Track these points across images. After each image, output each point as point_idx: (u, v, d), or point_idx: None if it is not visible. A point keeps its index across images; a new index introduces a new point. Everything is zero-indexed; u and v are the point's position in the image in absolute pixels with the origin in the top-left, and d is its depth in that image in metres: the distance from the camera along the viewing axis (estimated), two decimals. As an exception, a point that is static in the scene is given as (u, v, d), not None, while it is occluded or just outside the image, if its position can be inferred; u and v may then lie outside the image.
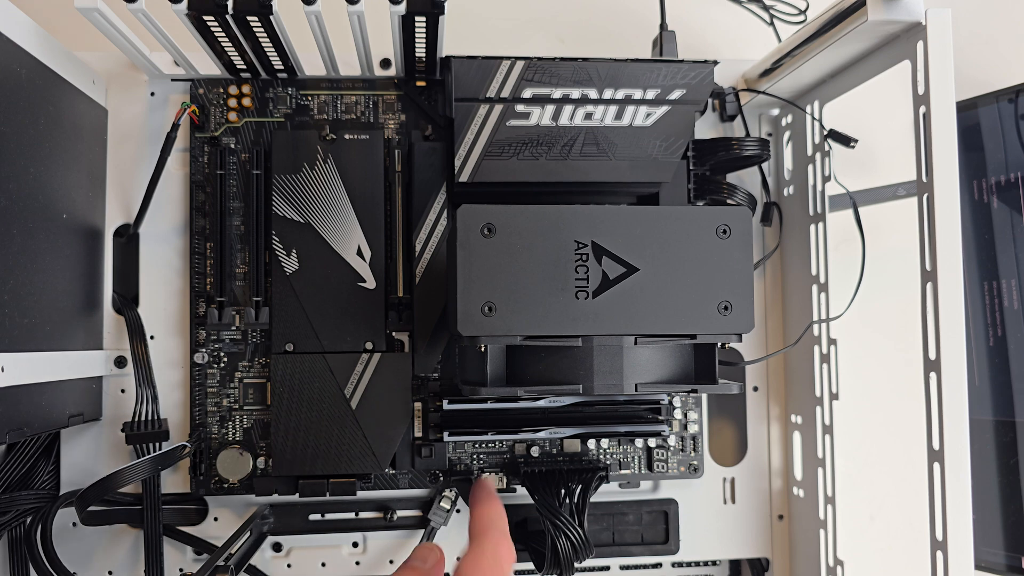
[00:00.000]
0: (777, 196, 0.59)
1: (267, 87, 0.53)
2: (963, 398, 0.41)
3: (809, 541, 0.55)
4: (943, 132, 0.42)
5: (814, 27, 0.48)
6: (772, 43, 0.64)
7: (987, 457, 0.55)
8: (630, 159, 0.49)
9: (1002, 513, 0.55)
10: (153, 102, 0.54)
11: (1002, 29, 0.67)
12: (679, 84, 0.48)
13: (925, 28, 0.43)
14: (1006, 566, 0.54)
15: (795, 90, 0.55)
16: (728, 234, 0.39)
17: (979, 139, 0.57)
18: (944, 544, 0.41)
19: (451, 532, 0.54)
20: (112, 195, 0.53)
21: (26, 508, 0.49)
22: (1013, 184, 0.55)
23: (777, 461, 0.58)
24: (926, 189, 0.43)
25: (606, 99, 0.48)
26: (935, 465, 0.42)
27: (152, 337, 0.52)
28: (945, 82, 0.42)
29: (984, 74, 0.62)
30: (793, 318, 0.57)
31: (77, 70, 0.49)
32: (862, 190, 0.55)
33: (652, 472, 0.54)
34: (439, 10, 0.43)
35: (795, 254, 0.57)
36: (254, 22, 0.44)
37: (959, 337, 0.42)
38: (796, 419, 0.57)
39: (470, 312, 0.37)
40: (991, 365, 0.56)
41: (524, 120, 0.48)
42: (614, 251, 0.38)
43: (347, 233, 0.50)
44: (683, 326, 0.39)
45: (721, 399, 0.58)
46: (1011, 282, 0.55)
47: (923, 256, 0.43)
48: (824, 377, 0.54)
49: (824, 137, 0.53)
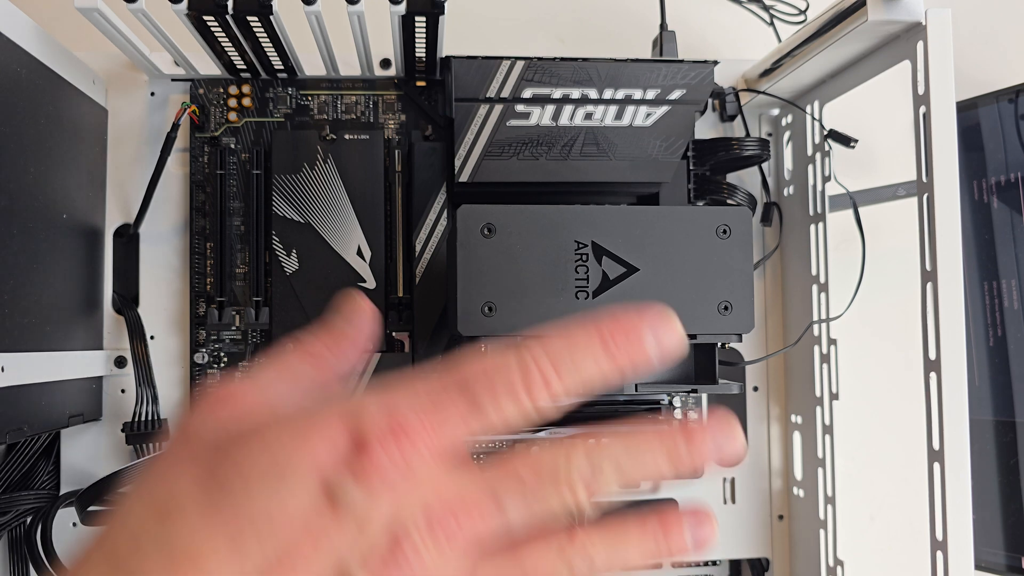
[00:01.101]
0: (777, 196, 0.59)
1: (267, 87, 0.53)
2: (963, 398, 0.41)
3: (809, 541, 0.55)
4: (943, 132, 0.42)
5: (814, 27, 0.47)
6: (772, 43, 0.64)
7: (987, 457, 0.55)
8: (630, 159, 0.49)
9: (1002, 513, 0.55)
10: (153, 102, 0.54)
11: (1002, 29, 0.67)
12: (679, 84, 0.48)
13: (925, 28, 0.43)
14: (1006, 566, 0.54)
15: (795, 90, 0.55)
16: (728, 234, 0.39)
17: (979, 139, 0.57)
18: (944, 544, 0.41)
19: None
20: (112, 195, 0.53)
21: (26, 508, 0.49)
22: (1013, 184, 0.55)
23: (777, 461, 0.58)
24: (926, 189, 0.43)
25: (606, 99, 0.48)
26: (935, 465, 0.42)
27: (152, 337, 0.52)
28: (945, 82, 0.42)
29: (984, 74, 0.62)
30: (793, 318, 0.57)
31: (77, 70, 0.49)
32: (862, 190, 0.55)
33: (652, 472, 0.54)
34: (439, 10, 0.43)
35: (795, 254, 0.57)
36: (254, 22, 0.44)
37: (959, 337, 0.42)
38: (796, 419, 0.57)
39: (470, 312, 0.37)
40: (991, 365, 0.56)
41: (524, 120, 0.48)
42: (614, 251, 0.38)
43: (347, 233, 0.50)
44: (683, 326, 0.39)
45: (721, 399, 0.58)
46: (1011, 282, 0.55)
47: (923, 256, 0.43)
48: (824, 377, 0.54)
49: (824, 137, 0.53)
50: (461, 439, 0.28)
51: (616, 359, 0.29)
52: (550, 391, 0.28)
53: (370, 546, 0.25)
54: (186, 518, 0.25)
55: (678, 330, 0.31)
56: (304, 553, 0.25)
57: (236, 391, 0.29)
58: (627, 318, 0.29)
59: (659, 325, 0.30)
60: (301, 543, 0.25)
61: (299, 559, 0.25)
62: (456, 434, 0.27)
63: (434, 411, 0.27)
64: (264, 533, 0.25)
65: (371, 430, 0.26)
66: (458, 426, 0.27)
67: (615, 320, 0.29)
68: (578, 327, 0.29)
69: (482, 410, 0.27)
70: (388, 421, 0.26)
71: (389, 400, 0.27)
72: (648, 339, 0.30)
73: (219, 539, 0.25)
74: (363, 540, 0.25)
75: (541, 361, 0.28)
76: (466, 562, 0.28)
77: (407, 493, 0.26)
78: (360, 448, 0.26)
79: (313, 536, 0.25)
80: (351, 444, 0.26)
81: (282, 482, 0.25)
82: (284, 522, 0.25)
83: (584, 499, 0.29)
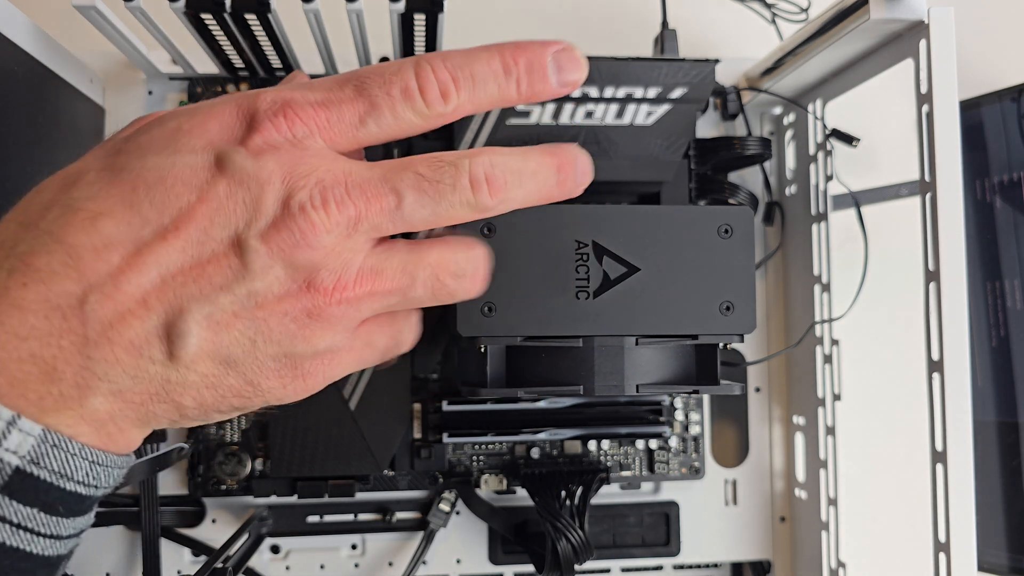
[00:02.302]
0: (779, 196, 0.58)
1: (265, 86, 0.53)
2: (966, 399, 0.41)
3: (811, 543, 0.55)
4: (946, 131, 0.42)
5: (816, 25, 0.47)
6: (774, 42, 0.63)
7: (990, 458, 0.55)
8: (631, 158, 0.48)
9: (1005, 514, 0.54)
10: (151, 101, 0.53)
11: (1006, 28, 0.67)
12: (680, 83, 0.48)
13: (928, 27, 0.42)
14: (1009, 567, 0.54)
15: (797, 89, 0.55)
16: (730, 234, 0.39)
17: (982, 138, 0.56)
18: (947, 546, 0.41)
19: (451, 534, 0.54)
20: (110, 195, 0.53)
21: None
22: (1016, 184, 0.55)
23: (779, 463, 0.58)
24: (929, 189, 0.42)
25: (607, 97, 0.48)
26: (938, 466, 0.42)
27: (150, 338, 0.52)
28: (948, 81, 0.42)
29: (988, 73, 0.62)
30: (795, 318, 0.57)
31: (74, 69, 0.49)
32: (865, 189, 0.54)
33: (653, 474, 0.54)
34: (438, 8, 0.43)
35: (797, 254, 0.57)
36: (252, 20, 0.44)
37: (962, 338, 0.41)
38: (798, 420, 0.57)
39: (470, 312, 0.37)
40: (994, 366, 0.55)
41: (524, 119, 0.48)
42: (615, 251, 0.38)
43: (346, 233, 0.50)
44: (685, 326, 0.38)
45: (723, 400, 0.57)
46: (1014, 282, 0.55)
47: (926, 256, 0.43)
48: (827, 378, 0.54)
49: (826, 136, 0.53)
50: (355, 137, 0.28)
51: (517, 83, 0.30)
52: (446, 99, 0.28)
53: (262, 214, 0.26)
54: (89, 184, 0.26)
55: (582, 63, 0.32)
56: (198, 218, 0.26)
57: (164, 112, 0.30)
58: (531, 45, 0.30)
59: (563, 56, 0.31)
60: (196, 209, 0.26)
61: (193, 223, 0.26)
62: (349, 129, 0.28)
63: (327, 102, 0.28)
64: (156, 194, 0.26)
65: (261, 109, 0.27)
66: (351, 121, 0.28)
67: (518, 45, 0.30)
68: (481, 48, 0.30)
69: (376, 108, 0.28)
70: (280, 102, 0.27)
71: (284, 89, 0.28)
72: (550, 67, 0.30)
73: (115, 200, 0.26)
74: (256, 209, 0.26)
75: (439, 68, 0.28)
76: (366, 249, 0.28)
77: (297, 164, 0.27)
78: (251, 126, 0.27)
79: (203, 199, 0.26)
80: (244, 124, 0.27)
81: (175, 150, 0.27)
82: (176, 184, 0.26)
83: (487, 202, 0.30)
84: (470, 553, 0.54)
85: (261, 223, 0.26)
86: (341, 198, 0.26)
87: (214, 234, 0.26)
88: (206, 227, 0.26)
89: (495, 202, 0.29)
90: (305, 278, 0.27)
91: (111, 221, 0.25)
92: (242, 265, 0.26)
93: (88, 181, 0.26)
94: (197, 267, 0.26)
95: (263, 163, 0.26)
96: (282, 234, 0.26)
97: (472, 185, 0.29)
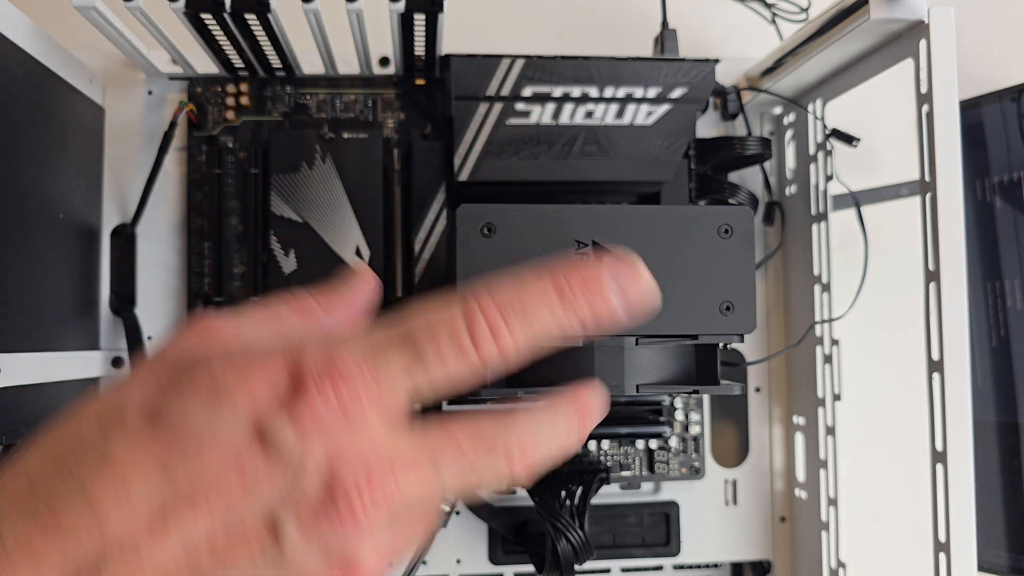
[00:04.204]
0: (779, 196, 0.58)
1: (265, 86, 0.53)
2: (966, 399, 0.41)
3: (811, 543, 0.55)
4: (946, 131, 0.42)
5: (816, 25, 0.47)
6: (774, 41, 0.63)
7: (990, 458, 0.55)
8: (631, 158, 0.48)
9: (1005, 514, 0.54)
10: (151, 101, 0.53)
11: (1006, 28, 0.66)
12: (680, 82, 0.48)
13: (928, 26, 0.42)
14: (1009, 567, 0.54)
15: (797, 89, 0.55)
16: (730, 234, 0.39)
17: (982, 138, 0.56)
18: (947, 546, 0.41)
19: (451, 534, 0.54)
20: (109, 194, 0.53)
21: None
22: (1016, 184, 0.55)
23: (779, 463, 0.58)
24: (929, 189, 0.42)
25: (607, 97, 0.48)
26: (938, 466, 0.42)
27: (150, 338, 0.52)
28: (948, 81, 0.42)
29: (987, 73, 0.62)
30: (795, 318, 0.57)
31: (74, 69, 0.49)
32: (865, 189, 0.54)
33: (653, 474, 0.54)
34: (438, 8, 0.43)
35: (797, 254, 0.57)
36: (252, 20, 0.44)
37: (962, 338, 0.41)
38: (798, 420, 0.57)
39: (469, 312, 0.37)
40: (994, 366, 0.55)
41: (524, 119, 0.48)
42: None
43: (346, 233, 0.50)
44: (685, 326, 0.38)
45: (723, 400, 0.57)
46: (1014, 282, 0.55)
47: (926, 256, 0.43)
48: (827, 378, 0.54)
49: (826, 136, 0.53)
50: (404, 394, 0.27)
51: (574, 310, 0.27)
52: (499, 343, 0.27)
53: (303, 496, 0.25)
54: (126, 431, 0.25)
55: (645, 277, 0.29)
56: (230, 489, 0.24)
57: (217, 323, 0.28)
58: (586, 264, 0.28)
59: (622, 272, 0.28)
60: (228, 477, 0.24)
61: (224, 494, 0.24)
62: (398, 388, 0.26)
63: (375, 359, 0.26)
64: (191, 457, 0.24)
65: (309, 370, 0.25)
66: (400, 379, 0.26)
67: (573, 267, 0.28)
68: (532, 275, 0.27)
69: (425, 362, 0.26)
70: (327, 363, 0.26)
71: (331, 345, 0.27)
72: (610, 287, 0.28)
73: (150, 457, 0.24)
74: (295, 489, 0.25)
75: (489, 311, 0.27)
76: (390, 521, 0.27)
77: (343, 442, 0.25)
78: (297, 388, 0.25)
79: (241, 472, 0.24)
80: (290, 383, 0.25)
81: (216, 410, 0.25)
82: (212, 449, 0.24)
83: (520, 471, 0.28)
84: (470, 553, 0.54)
85: (300, 506, 0.25)
86: (388, 488, 0.25)
87: (247, 510, 0.24)
88: (239, 501, 0.25)
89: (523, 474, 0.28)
90: (339, 557, 0.25)
91: (142, 482, 0.24)
92: (276, 548, 0.25)
93: (127, 430, 0.25)
94: (225, 542, 0.24)
95: (308, 444, 0.25)
96: (320, 519, 0.25)
97: (507, 461, 0.27)
